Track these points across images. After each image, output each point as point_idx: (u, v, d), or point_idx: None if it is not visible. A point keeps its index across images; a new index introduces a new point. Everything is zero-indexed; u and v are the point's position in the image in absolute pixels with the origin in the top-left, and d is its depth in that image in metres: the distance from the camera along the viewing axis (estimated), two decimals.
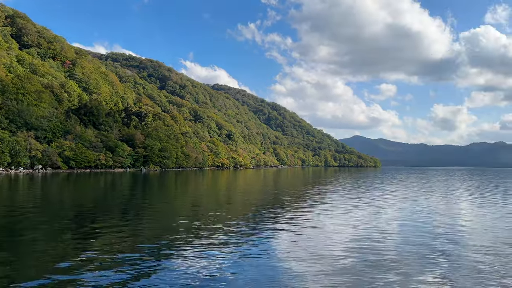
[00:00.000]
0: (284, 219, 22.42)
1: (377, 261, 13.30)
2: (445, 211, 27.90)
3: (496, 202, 35.25)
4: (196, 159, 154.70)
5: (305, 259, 13.44)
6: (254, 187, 57.55)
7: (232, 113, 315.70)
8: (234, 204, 32.66)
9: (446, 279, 11.40)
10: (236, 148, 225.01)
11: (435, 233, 18.86)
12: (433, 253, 14.55)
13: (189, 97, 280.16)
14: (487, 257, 14.11)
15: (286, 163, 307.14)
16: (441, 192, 46.60)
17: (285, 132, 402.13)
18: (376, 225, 20.99)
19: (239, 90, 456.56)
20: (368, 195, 39.95)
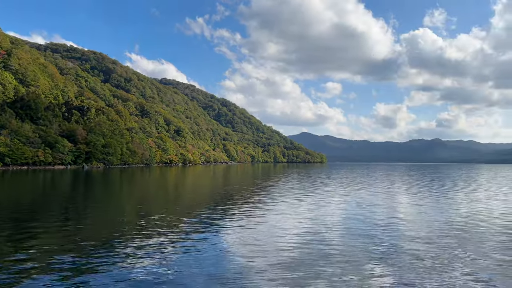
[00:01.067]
0: (232, 215, 22.36)
1: (323, 254, 13.67)
2: (386, 204, 29.31)
3: (431, 195, 37.65)
4: (142, 156, 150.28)
5: (252, 254, 13.46)
6: (203, 183, 57.01)
7: (181, 109, 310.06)
8: (182, 201, 32.11)
9: (389, 268, 11.98)
10: (185, 144, 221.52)
11: (377, 225, 19.74)
12: (375, 244, 15.21)
13: (135, 91, 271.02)
14: (425, 246, 15.02)
15: (236, 159, 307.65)
16: (382, 186, 48.91)
17: (235, 128, 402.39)
18: (322, 218, 21.59)
19: (188, 85, 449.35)
20: (314, 190, 41.01)
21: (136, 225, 18.77)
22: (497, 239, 16.42)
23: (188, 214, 22.76)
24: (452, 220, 21.58)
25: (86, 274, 10.89)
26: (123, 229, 17.76)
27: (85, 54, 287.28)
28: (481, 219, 21.87)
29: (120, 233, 16.78)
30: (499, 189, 45.62)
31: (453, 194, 38.87)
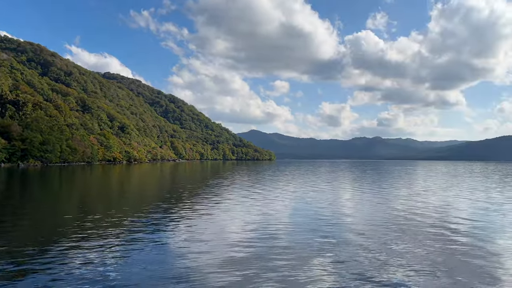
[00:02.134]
0: (179, 213, 21.85)
1: (270, 250, 13.71)
2: (330, 199, 30.16)
3: (372, 190, 39.37)
4: (84, 153, 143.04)
5: (198, 252, 13.21)
6: (148, 181, 55.34)
7: (126, 104, 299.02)
8: (125, 200, 30.86)
9: (336, 261, 12.27)
10: (130, 141, 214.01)
11: (323, 220, 20.24)
12: (322, 239, 15.55)
13: (76, 85, 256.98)
14: (368, 239, 15.61)
15: (185, 157, 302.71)
16: (327, 182, 50.38)
17: (184, 125, 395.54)
18: (270, 215, 21.74)
19: (133, 80, 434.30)
20: (262, 187, 41.33)
21: (76, 226, 17.71)
22: (432, 231, 17.46)
23: (132, 213, 21.88)
24: (392, 213, 22.70)
25: (19, 278, 10.00)
26: (63, 231, 16.69)
27: (21, 45, 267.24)
28: (417, 213, 23.22)
29: (60, 236, 15.75)
30: (433, 184, 48.77)
31: (391, 188, 40.94)
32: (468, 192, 36.82)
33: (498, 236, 16.50)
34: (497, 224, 19.36)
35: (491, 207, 25.61)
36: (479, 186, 44.82)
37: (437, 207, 25.83)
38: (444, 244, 14.76)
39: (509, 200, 30.36)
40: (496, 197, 32.67)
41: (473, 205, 26.86)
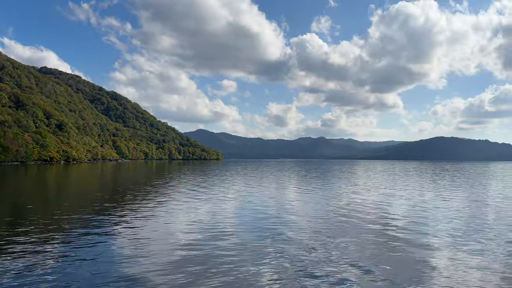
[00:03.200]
0: (121, 215, 21.03)
1: (216, 251, 13.62)
2: (276, 198, 30.56)
3: (316, 188, 40.47)
4: (17, 153, 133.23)
5: (141, 254, 12.83)
6: (88, 182, 52.65)
7: (64, 101, 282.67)
8: (63, 203, 29.06)
9: (280, 260, 12.44)
10: (68, 140, 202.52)
11: (268, 219, 20.45)
12: (267, 239, 15.70)
13: (9, 80, 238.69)
14: (312, 237, 15.94)
15: (128, 156, 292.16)
16: (273, 181, 51.04)
17: (127, 123, 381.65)
18: (216, 215, 21.59)
19: (72, 76, 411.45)
20: (208, 187, 40.93)
21: (5, 231, 16.32)
22: (370, 226, 18.28)
23: (70, 216, 20.68)
24: (333, 210, 23.49)
25: None
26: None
27: None
28: (356, 209, 24.26)
29: None
30: (371, 182, 51.20)
31: (334, 186, 42.38)
32: (403, 189, 39.10)
33: (430, 230, 17.63)
34: (429, 219, 20.69)
35: (423, 204, 27.38)
36: (413, 184, 47.81)
37: (374, 203, 27.14)
38: (381, 238, 15.54)
39: (439, 196, 32.63)
40: (428, 194, 34.98)
41: (407, 202, 28.54)
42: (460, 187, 42.90)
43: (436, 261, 12.57)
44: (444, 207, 25.76)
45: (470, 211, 24.03)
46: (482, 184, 49.39)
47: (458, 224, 19.13)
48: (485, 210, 24.62)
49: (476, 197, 32.16)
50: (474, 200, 30.22)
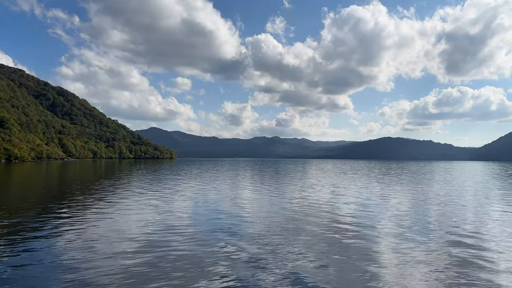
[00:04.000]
0: (65, 217, 19.98)
1: (165, 256, 13.27)
2: (231, 197, 30.43)
3: (270, 187, 40.83)
4: None
5: (84, 261, 12.24)
6: (31, 182, 49.54)
7: (6, 96, 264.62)
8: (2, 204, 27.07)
9: (231, 267, 12.37)
10: (10, 137, 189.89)
11: (220, 222, 20.25)
12: (218, 243, 15.53)
13: None
14: (263, 241, 16.02)
15: (75, 155, 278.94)
16: (227, 180, 50.85)
17: (74, 121, 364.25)
18: (167, 218, 21.06)
19: (15, 70, 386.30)
20: (160, 186, 40.00)
21: None
22: (322, 222, 18.67)
23: (10, 220, 19.25)
24: (286, 208, 23.79)
25: None
26: None
27: None
28: (308, 206, 24.73)
29: None
30: (323, 180, 52.52)
31: (286, 185, 42.99)
32: (351, 187, 40.47)
33: (376, 225, 18.32)
34: (376, 215, 21.51)
35: (370, 200, 28.49)
36: (361, 182, 49.65)
37: (324, 200, 27.83)
38: (330, 233, 15.97)
39: (385, 193, 34.07)
40: (375, 191, 36.43)
41: (355, 199, 29.52)
42: (405, 185, 45.09)
43: (382, 254, 13.13)
44: (389, 203, 26.93)
45: (415, 207, 25.29)
46: (426, 182, 52.23)
47: (404, 220, 20.05)
48: (429, 206, 26.00)
49: (419, 194, 33.91)
50: (418, 196, 31.84)
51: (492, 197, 31.53)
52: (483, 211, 23.55)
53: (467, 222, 19.32)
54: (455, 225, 18.39)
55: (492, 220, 20.11)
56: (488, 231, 17.09)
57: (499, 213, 22.79)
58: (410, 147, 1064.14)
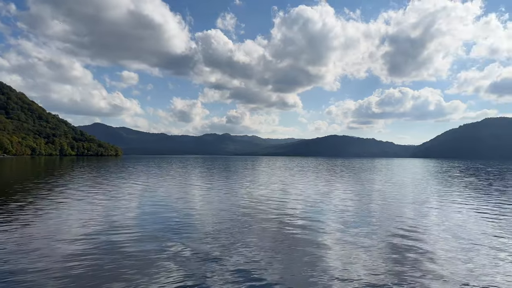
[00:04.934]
0: (1, 220, 18.45)
1: (108, 258, 12.74)
2: (179, 195, 29.88)
3: (220, 184, 40.65)
4: None
5: (28, 262, 11.47)
6: None
7: None
8: None
9: (181, 256, 12.15)
10: None
11: (169, 221, 19.84)
12: (165, 243, 15.15)
13: None
14: (211, 241, 15.88)
15: (11, 152, 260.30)
16: (176, 178, 49.95)
17: (10, 115, 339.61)
18: (110, 218, 20.26)
19: None
20: (105, 184, 38.45)
21: None
22: (271, 218, 18.87)
23: None
24: (236, 205, 23.81)
25: None
26: None
27: None
28: (257, 203, 24.94)
29: None
30: (272, 177, 53.23)
31: (236, 182, 43.05)
32: (299, 183, 41.39)
33: (323, 220, 18.85)
34: (323, 210, 22.14)
35: (317, 195, 29.27)
36: (308, 178, 50.96)
37: (273, 197, 28.18)
38: (280, 229, 16.16)
39: (330, 188, 35.19)
40: (321, 186, 37.50)
41: (302, 194, 30.19)
42: (349, 181, 46.88)
43: (329, 246, 13.56)
44: (334, 198, 27.85)
45: (358, 201, 26.34)
46: (368, 178, 54.65)
47: (348, 213, 20.82)
48: (371, 200, 27.20)
49: (362, 189, 35.38)
50: (361, 191, 33.20)
51: (429, 192, 33.64)
52: (420, 204, 25.05)
53: (406, 216, 20.44)
54: (395, 218, 19.39)
55: (428, 213, 21.44)
56: (425, 224, 18.19)
57: (435, 206, 24.37)
58: (355, 145, 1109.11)
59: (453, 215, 20.50)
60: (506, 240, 14.86)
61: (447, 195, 30.30)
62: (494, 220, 19.09)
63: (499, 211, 22.04)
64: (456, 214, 20.83)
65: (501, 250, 13.36)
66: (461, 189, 36.18)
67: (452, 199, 27.95)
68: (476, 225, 17.83)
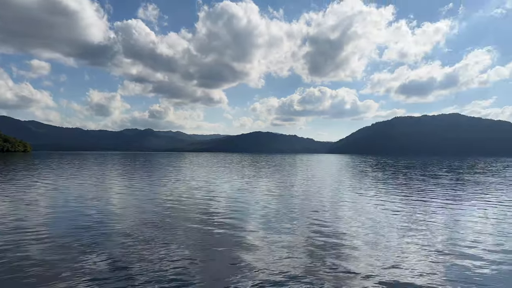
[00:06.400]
0: None
1: (17, 261, 11.34)
2: (96, 195, 27.98)
3: (141, 183, 39.01)
4: None
5: None
6: None
7: None
8: None
9: (98, 259, 11.22)
10: None
11: (86, 217, 18.46)
12: (85, 237, 14.06)
13: None
14: (134, 230, 14.97)
15: None
16: (94, 176, 46.94)
17: None
18: (19, 219, 18.28)
19: None
20: (10, 184, 34.75)
21: None
22: (194, 217, 18.40)
23: None
24: (157, 205, 22.89)
25: None
26: None
27: None
28: (180, 201, 24.28)
29: None
30: (197, 175, 52.52)
31: (158, 180, 41.66)
32: (223, 180, 41.32)
33: (245, 216, 18.87)
34: (245, 205, 22.19)
35: (241, 191, 29.37)
36: (233, 174, 51.18)
37: (194, 193, 27.67)
38: (201, 227, 15.83)
39: (253, 184, 35.61)
40: (245, 185, 37.79)
41: (226, 191, 30.08)
42: (271, 176, 47.94)
43: (249, 242, 13.55)
44: (256, 193, 28.16)
45: (278, 197, 26.89)
46: (289, 173, 56.44)
47: (270, 209, 21.10)
48: (292, 194, 27.95)
49: (283, 185, 36.31)
50: (282, 187, 34.02)
51: (343, 186, 35.58)
52: (337, 198, 26.32)
53: (322, 210, 21.29)
54: (312, 214, 20.08)
55: (343, 207, 22.57)
56: (339, 218, 19.08)
57: (348, 200, 25.77)
58: (278, 141, 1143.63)
59: (365, 209, 21.81)
60: (413, 233, 16.11)
61: (358, 189, 32.28)
62: (401, 212, 20.68)
63: (405, 203, 23.98)
64: (367, 208, 22.19)
65: (410, 243, 14.42)
66: (372, 183, 38.88)
67: (363, 192, 29.83)
68: (386, 218, 19.14)
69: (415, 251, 12.95)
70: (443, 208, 22.39)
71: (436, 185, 36.54)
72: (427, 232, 15.89)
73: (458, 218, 19.05)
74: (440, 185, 37.08)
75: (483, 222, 18.05)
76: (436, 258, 12.23)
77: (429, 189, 33.16)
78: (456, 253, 12.75)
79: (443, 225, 17.38)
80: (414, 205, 23.58)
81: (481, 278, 10.53)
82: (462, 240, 14.53)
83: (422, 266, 11.45)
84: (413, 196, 28.12)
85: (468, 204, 23.92)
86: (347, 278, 10.37)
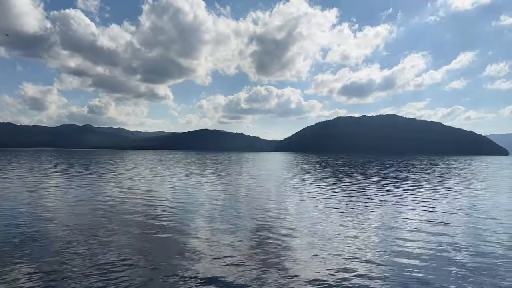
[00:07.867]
0: None
1: None
2: (30, 195, 26.62)
3: (81, 182, 37.56)
4: None
5: None
6: None
7: None
8: None
9: (40, 261, 10.82)
10: None
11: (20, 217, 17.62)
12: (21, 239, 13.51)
13: None
14: (76, 233, 14.59)
15: None
16: (25, 175, 44.38)
17: None
18: None
19: None
20: None
21: None
22: (136, 219, 18.29)
23: None
24: (99, 204, 22.40)
25: None
26: None
27: None
28: (122, 201, 23.97)
29: None
30: (141, 173, 51.36)
31: (98, 179, 40.31)
32: (169, 178, 40.93)
33: (191, 215, 19.09)
34: (191, 205, 22.38)
35: (186, 191, 29.43)
36: (178, 173, 50.74)
37: (140, 194, 27.32)
38: (146, 227, 15.88)
39: (200, 182, 35.72)
40: (190, 183, 37.75)
41: (170, 190, 29.96)
42: (216, 174, 48.22)
43: (196, 241, 13.85)
44: (202, 192, 28.39)
45: (224, 196, 27.34)
46: (235, 171, 57.03)
47: (216, 207, 21.48)
48: (238, 192, 28.51)
49: (228, 183, 36.79)
50: (227, 185, 34.49)
51: (286, 184, 36.80)
52: (283, 195, 27.29)
53: (266, 208, 22.06)
54: (260, 209, 20.76)
55: (290, 203, 23.53)
56: (286, 213, 19.94)
57: (291, 197, 26.85)
58: (225, 139, 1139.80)
59: (306, 208, 22.91)
60: (350, 230, 17.33)
61: (300, 187, 33.63)
62: (338, 209, 22.03)
63: (339, 200, 25.51)
64: (308, 205, 23.33)
65: (352, 237, 15.54)
66: (312, 179, 40.59)
67: (304, 190, 31.16)
68: (324, 214, 20.31)
69: (353, 250, 14.06)
70: (375, 202, 24.15)
71: (369, 183, 39.01)
72: (364, 228, 17.19)
73: (389, 211, 20.71)
74: (374, 182, 39.65)
75: (414, 216, 19.80)
76: (371, 253, 13.39)
77: (364, 186, 35.36)
78: (389, 245, 14.03)
79: (376, 219, 18.85)
80: (348, 202, 25.13)
81: (417, 272, 11.76)
82: (393, 235, 15.94)
83: (363, 267, 12.51)
84: (348, 193, 29.88)
85: (399, 199, 25.97)
86: (286, 277, 11.07)
